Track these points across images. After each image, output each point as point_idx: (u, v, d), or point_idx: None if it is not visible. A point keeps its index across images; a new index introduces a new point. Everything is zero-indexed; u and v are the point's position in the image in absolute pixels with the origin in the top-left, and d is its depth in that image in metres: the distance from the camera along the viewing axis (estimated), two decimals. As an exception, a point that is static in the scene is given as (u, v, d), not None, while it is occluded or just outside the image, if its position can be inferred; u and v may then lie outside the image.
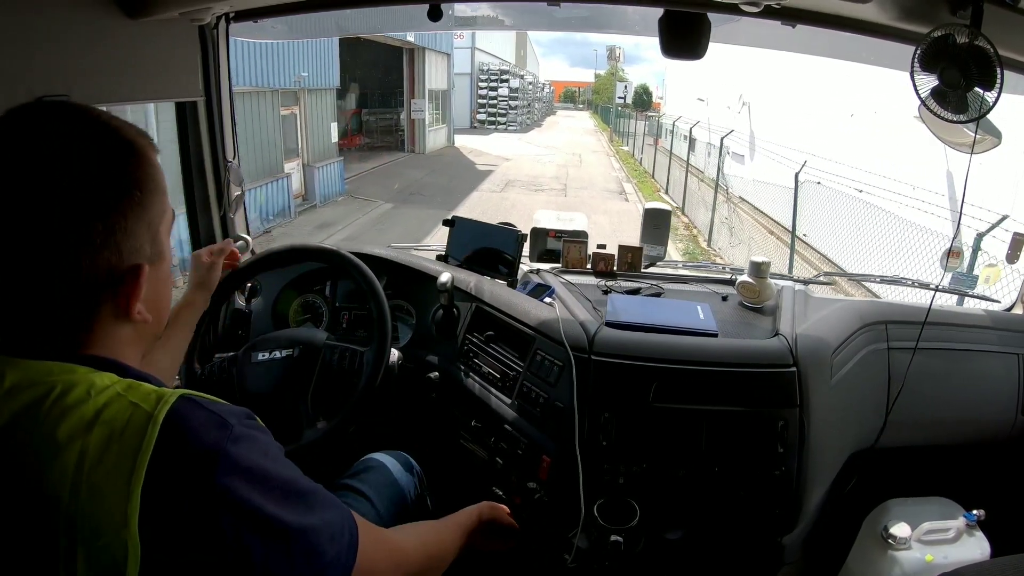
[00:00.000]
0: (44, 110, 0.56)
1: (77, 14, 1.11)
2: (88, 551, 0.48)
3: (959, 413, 1.46)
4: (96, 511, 0.49)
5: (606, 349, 1.25)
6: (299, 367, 1.24)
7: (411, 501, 1.23)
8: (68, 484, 0.49)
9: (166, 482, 0.50)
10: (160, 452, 0.50)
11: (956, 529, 1.35)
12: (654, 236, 1.77)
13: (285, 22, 1.69)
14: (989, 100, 1.05)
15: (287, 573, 0.57)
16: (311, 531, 0.59)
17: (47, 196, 0.53)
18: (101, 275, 0.56)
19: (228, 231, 1.74)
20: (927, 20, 1.08)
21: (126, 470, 0.49)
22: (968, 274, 1.66)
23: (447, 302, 1.46)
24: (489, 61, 33.35)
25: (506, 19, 1.77)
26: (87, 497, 0.49)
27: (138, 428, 0.51)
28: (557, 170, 17.65)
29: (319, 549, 0.60)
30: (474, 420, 1.38)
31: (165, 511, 0.50)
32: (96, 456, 0.49)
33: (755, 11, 1.17)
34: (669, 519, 1.24)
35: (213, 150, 1.64)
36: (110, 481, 0.49)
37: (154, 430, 0.51)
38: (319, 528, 0.60)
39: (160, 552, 0.50)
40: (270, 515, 0.55)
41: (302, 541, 0.58)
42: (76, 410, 0.51)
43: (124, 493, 0.49)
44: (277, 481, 0.58)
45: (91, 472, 0.49)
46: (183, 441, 0.52)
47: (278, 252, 1.36)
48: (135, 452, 0.50)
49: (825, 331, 1.32)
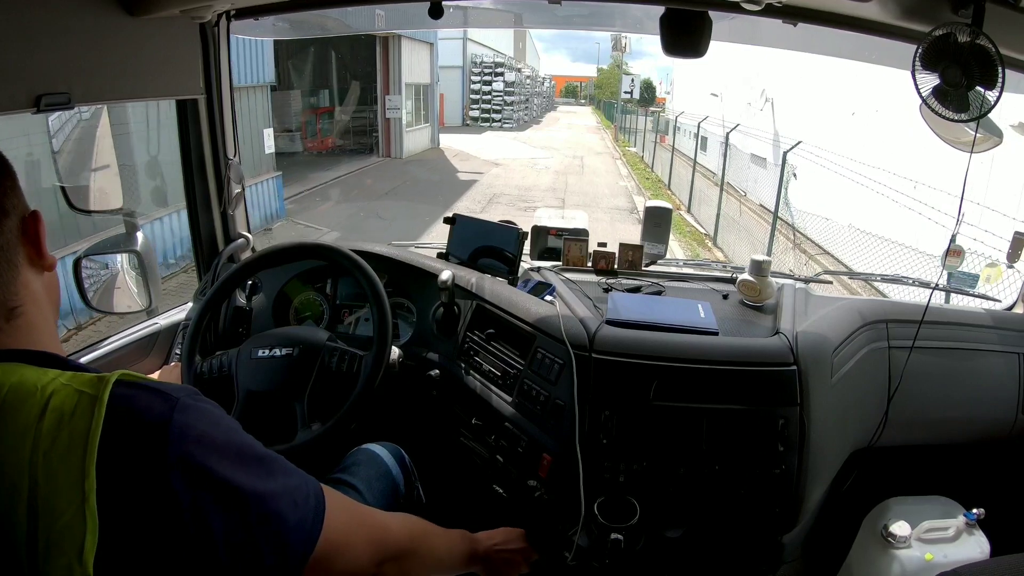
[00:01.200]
0: None
1: (78, 12, 1.11)
2: (48, 535, 0.49)
3: (959, 412, 1.46)
4: (53, 494, 0.50)
5: (607, 347, 1.25)
6: (298, 367, 1.24)
7: (402, 492, 1.23)
8: (26, 474, 0.50)
9: (119, 458, 0.52)
10: (109, 430, 0.52)
11: (956, 528, 1.35)
12: (655, 234, 1.77)
13: (286, 19, 1.69)
14: (991, 99, 1.05)
15: (248, 541, 0.57)
16: (270, 496, 0.59)
17: None
18: (14, 228, 0.60)
19: (229, 228, 1.74)
20: (928, 19, 1.07)
21: (79, 451, 0.51)
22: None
23: (448, 300, 1.46)
24: (482, 53, 30.54)
25: (508, 18, 1.77)
26: (44, 482, 0.50)
27: (85, 411, 0.52)
28: (554, 179, 14.97)
29: (281, 514, 0.60)
30: (475, 418, 1.38)
31: (121, 486, 0.51)
32: (49, 443, 0.51)
33: (756, 9, 1.16)
34: (669, 517, 1.24)
35: (214, 148, 1.64)
36: (65, 464, 0.50)
37: (100, 410, 0.52)
38: (279, 493, 0.60)
39: (118, 530, 0.51)
40: (226, 479, 0.56)
41: (262, 506, 0.58)
42: (26, 404, 0.52)
43: (80, 472, 0.50)
44: (231, 447, 0.58)
45: (45, 458, 0.50)
46: (130, 417, 0.53)
47: (279, 250, 1.37)
48: (85, 433, 0.51)
49: (825, 330, 1.32)
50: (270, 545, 0.59)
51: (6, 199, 0.60)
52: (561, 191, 13.50)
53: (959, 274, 1.65)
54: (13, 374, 0.54)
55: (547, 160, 18.50)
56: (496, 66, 30.30)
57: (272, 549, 0.59)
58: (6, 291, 0.58)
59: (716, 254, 8.40)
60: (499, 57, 30.69)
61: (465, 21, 1.81)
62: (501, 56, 30.79)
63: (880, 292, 4.23)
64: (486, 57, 30.37)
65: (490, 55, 30.44)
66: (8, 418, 0.52)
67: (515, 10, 1.74)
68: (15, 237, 0.60)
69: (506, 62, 30.77)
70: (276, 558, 0.59)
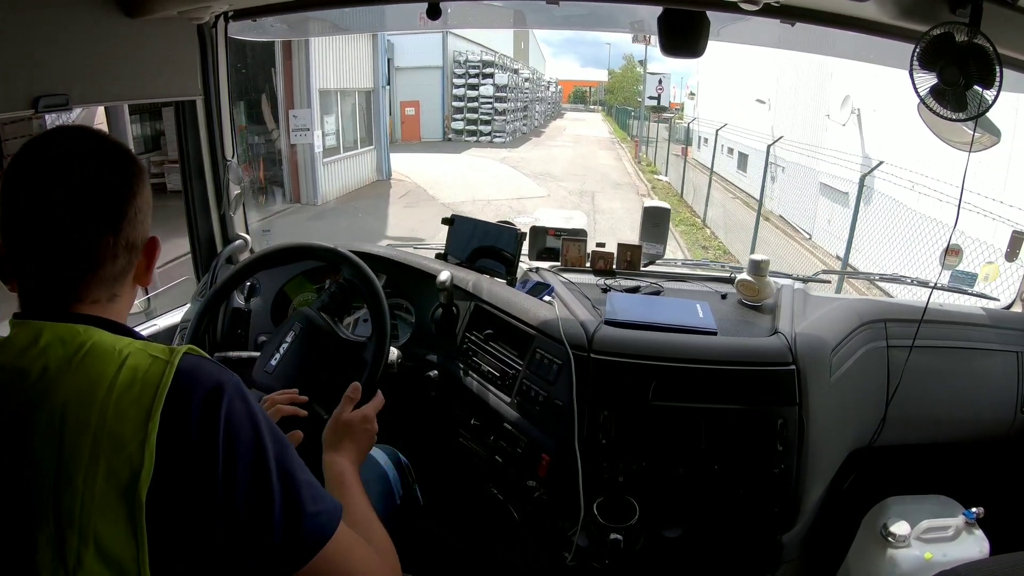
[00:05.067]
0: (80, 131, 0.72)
1: (76, 13, 1.11)
2: (109, 463, 0.58)
3: (958, 411, 1.46)
4: (120, 429, 0.59)
5: (605, 347, 1.25)
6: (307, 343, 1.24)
7: (399, 494, 1.23)
8: (96, 411, 0.59)
9: (180, 410, 0.61)
10: (176, 387, 0.62)
11: (955, 527, 1.35)
12: (653, 234, 1.77)
13: (284, 21, 1.69)
14: (988, 98, 1.05)
15: (265, 509, 0.63)
16: (294, 479, 0.66)
17: (97, 189, 0.68)
18: (136, 243, 0.71)
19: (227, 230, 1.74)
20: (926, 18, 1.07)
21: (148, 399, 0.60)
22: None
23: (446, 300, 1.46)
24: (468, 49, 23.11)
25: (506, 18, 1.77)
26: (113, 418, 0.59)
27: (157, 371, 0.62)
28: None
29: (300, 500, 0.66)
30: (473, 418, 1.38)
31: (178, 434, 0.60)
32: (122, 390, 0.60)
33: (754, 9, 1.16)
34: (668, 517, 1.24)
35: (212, 149, 1.64)
36: (134, 407, 0.60)
37: (171, 371, 0.62)
38: (302, 482, 0.67)
39: (169, 468, 0.59)
40: (263, 445, 0.65)
41: (285, 482, 0.65)
42: (105, 358, 0.62)
43: (146, 415, 0.60)
44: (271, 427, 0.67)
45: (117, 401, 0.60)
46: (194, 379, 0.63)
47: (277, 251, 1.36)
48: (155, 387, 0.61)
49: (824, 329, 1.32)
50: (284, 522, 0.64)
51: (141, 231, 0.71)
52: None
53: (958, 273, 1.65)
54: (96, 335, 0.65)
55: (538, 202, 11.43)
56: (484, 65, 23.17)
57: (284, 527, 0.64)
58: (116, 285, 0.71)
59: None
60: (488, 55, 23.47)
61: (463, 22, 1.80)
62: (491, 54, 23.59)
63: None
64: (472, 55, 23.16)
65: (477, 52, 23.25)
66: (89, 365, 0.62)
67: (513, 10, 1.74)
68: (137, 256, 0.72)
69: (498, 60, 23.73)
70: (285, 538, 0.64)
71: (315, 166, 10.62)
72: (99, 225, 0.67)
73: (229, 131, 1.67)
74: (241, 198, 1.74)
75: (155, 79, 1.38)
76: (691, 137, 13.98)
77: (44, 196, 0.65)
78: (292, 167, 10.48)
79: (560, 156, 19.96)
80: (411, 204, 11.21)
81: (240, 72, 8.85)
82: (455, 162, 16.79)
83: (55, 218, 0.65)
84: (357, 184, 12.33)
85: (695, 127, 14.48)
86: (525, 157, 18.90)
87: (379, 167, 13.39)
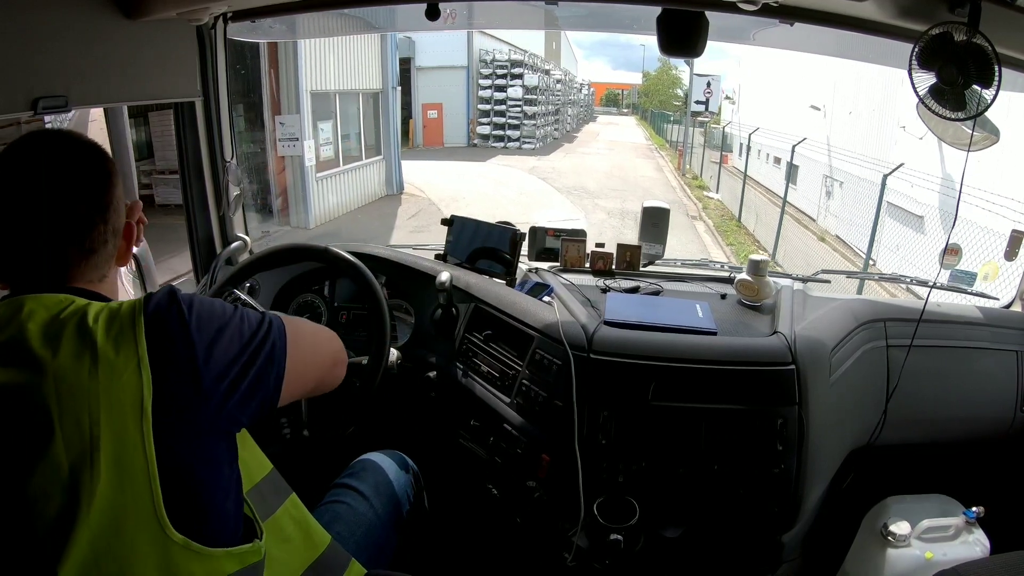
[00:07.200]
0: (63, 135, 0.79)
1: (75, 14, 1.11)
2: (110, 391, 0.64)
3: (958, 410, 1.46)
4: (114, 361, 0.66)
5: (605, 348, 1.25)
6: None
7: (408, 500, 1.23)
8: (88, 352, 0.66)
9: (157, 323, 0.69)
10: (147, 310, 0.70)
11: (956, 526, 1.35)
12: (652, 234, 1.77)
13: (283, 22, 1.69)
14: (987, 97, 1.05)
15: (240, 341, 0.75)
16: (251, 314, 0.79)
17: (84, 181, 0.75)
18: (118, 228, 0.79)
19: (227, 231, 1.74)
20: (925, 18, 1.08)
21: (129, 327, 0.68)
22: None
23: (446, 301, 1.46)
24: (495, 48, 20.99)
25: (504, 18, 1.77)
26: (105, 346, 0.66)
27: (129, 306, 0.70)
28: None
29: (273, 340, 0.78)
30: (473, 419, 1.38)
31: (163, 341, 0.69)
32: (104, 329, 0.68)
33: (753, 9, 1.16)
34: (668, 517, 1.24)
35: (211, 150, 1.64)
36: (121, 337, 0.67)
37: (140, 303, 0.71)
38: (253, 313, 0.80)
39: (166, 379, 0.67)
40: (216, 309, 0.76)
41: (247, 315, 0.78)
42: (83, 313, 0.69)
43: (133, 341, 0.67)
44: (215, 301, 0.78)
45: (105, 334, 0.67)
46: (157, 301, 0.71)
47: (276, 252, 1.36)
48: (132, 316, 0.69)
49: (824, 329, 1.32)
50: (261, 334, 0.77)
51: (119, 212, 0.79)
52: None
53: (957, 272, 1.65)
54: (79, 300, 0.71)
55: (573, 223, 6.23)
56: (513, 65, 21.09)
57: (263, 337, 0.77)
58: (104, 267, 0.79)
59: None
60: (518, 54, 21.31)
61: (461, 22, 1.80)
62: (520, 53, 21.42)
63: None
64: (500, 53, 21.05)
65: (505, 51, 21.15)
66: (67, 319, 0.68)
67: (512, 10, 1.74)
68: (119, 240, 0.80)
69: (527, 60, 21.61)
70: (269, 340, 0.78)
71: (305, 182, 8.83)
72: (91, 213, 0.75)
73: (228, 132, 1.67)
74: (241, 199, 1.74)
75: (154, 80, 1.38)
76: (729, 143, 13.02)
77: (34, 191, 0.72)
78: (279, 181, 8.73)
79: (595, 166, 18.07)
80: (420, 228, 9.06)
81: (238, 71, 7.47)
82: (479, 172, 15.23)
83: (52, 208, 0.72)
84: (361, 201, 10.60)
85: (735, 132, 13.28)
86: (556, 167, 17.15)
87: (389, 180, 11.61)
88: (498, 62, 21.12)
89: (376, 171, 11.30)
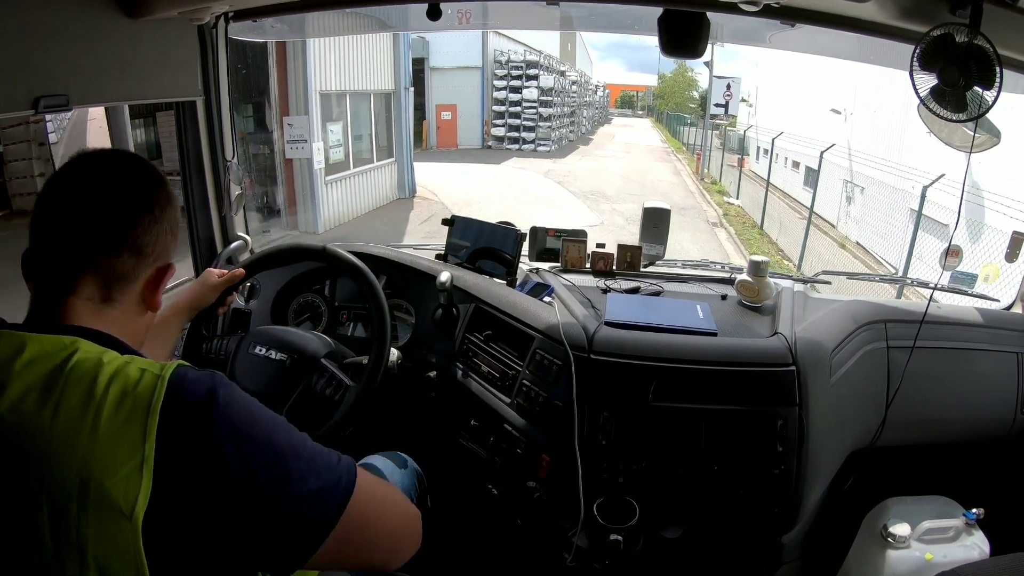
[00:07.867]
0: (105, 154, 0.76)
1: (76, 14, 1.11)
2: (100, 490, 0.56)
3: (958, 412, 1.46)
4: (113, 452, 0.57)
5: (605, 348, 1.25)
6: (287, 378, 1.21)
7: (411, 499, 1.23)
8: (87, 430, 0.58)
9: (177, 424, 0.59)
10: (169, 401, 0.60)
11: (955, 528, 1.35)
12: (653, 235, 1.77)
13: (284, 21, 1.69)
14: (988, 99, 1.05)
15: (289, 492, 0.63)
16: (309, 451, 0.67)
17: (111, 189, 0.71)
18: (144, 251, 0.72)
19: (228, 231, 1.74)
20: (926, 19, 1.08)
21: (141, 415, 0.59)
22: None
23: (446, 301, 1.46)
24: (510, 48, 20.60)
25: (505, 19, 1.77)
26: (105, 439, 0.57)
27: (149, 384, 0.61)
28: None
29: (320, 467, 0.67)
30: (473, 419, 1.38)
31: (178, 449, 0.59)
32: (113, 408, 0.59)
33: (754, 10, 1.17)
34: (668, 518, 1.24)
35: (212, 150, 1.64)
36: (128, 426, 0.58)
37: (163, 385, 0.61)
38: (315, 454, 0.68)
39: (169, 489, 0.58)
40: (268, 438, 0.64)
41: (304, 459, 0.66)
42: (92, 374, 0.61)
43: (141, 435, 0.58)
44: (266, 415, 0.67)
45: (109, 421, 0.58)
46: (187, 391, 0.62)
47: (277, 251, 1.36)
48: (148, 402, 0.59)
49: (824, 330, 1.32)
50: (313, 498, 0.65)
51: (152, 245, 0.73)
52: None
53: (958, 274, 1.65)
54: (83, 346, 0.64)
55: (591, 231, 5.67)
56: (528, 66, 20.74)
57: (311, 497, 0.65)
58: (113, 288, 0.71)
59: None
60: (533, 55, 20.96)
61: (462, 23, 1.80)
62: (536, 53, 21.09)
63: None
64: (515, 54, 20.68)
65: (520, 52, 20.78)
66: (72, 384, 0.60)
67: (512, 11, 1.74)
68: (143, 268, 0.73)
69: (543, 61, 21.32)
70: (313, 504, 0.65)
71: (314, 186, 8.62)
72: (103, 217, 0.69)
73: (229, 132, 1.67)
74: (242, 199, 1.74)
75: (155, 80, 1.38)
76: (746, 146, 12.82)
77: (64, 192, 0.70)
78: (288, 186, 8.57)
79: (611, 169, 17.65)
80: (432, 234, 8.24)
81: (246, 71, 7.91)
82: (493, 175, 14.83)
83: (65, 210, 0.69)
84: (372, 205, 10.35)
85: (752, 135, 13.21)
86: (572, 170, 16.74)
87: (401, 183, 11.34)
88: (513, 63, 20.80)
89: (387, 174, 11.11)
